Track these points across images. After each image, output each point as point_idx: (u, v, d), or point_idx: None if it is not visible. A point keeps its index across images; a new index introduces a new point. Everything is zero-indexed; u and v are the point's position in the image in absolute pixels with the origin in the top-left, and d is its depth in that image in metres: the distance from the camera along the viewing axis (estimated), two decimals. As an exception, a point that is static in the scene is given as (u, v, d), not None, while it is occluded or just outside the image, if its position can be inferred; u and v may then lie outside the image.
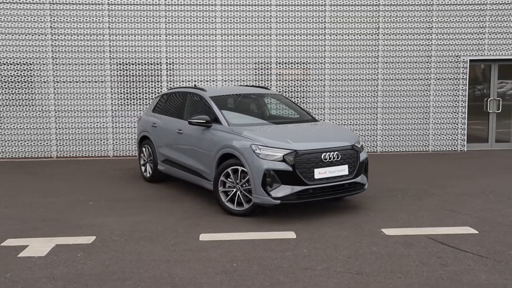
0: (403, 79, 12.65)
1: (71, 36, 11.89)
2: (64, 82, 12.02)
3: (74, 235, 6.11)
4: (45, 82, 11.98)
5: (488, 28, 12.62)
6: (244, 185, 6.79)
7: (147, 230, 6.29)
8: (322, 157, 6.64)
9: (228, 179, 6.95)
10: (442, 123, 12.83)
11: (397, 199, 7.87)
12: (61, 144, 12.13)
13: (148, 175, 9.23)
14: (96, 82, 12.08)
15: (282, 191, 6.47)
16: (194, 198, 7.99)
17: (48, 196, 8.19)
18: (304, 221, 6.65)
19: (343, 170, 6.82)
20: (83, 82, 12.06)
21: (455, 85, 12.75)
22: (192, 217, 6.88)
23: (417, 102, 12.74)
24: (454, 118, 12.82)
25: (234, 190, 6.89)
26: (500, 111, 13.17)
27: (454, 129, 12.86)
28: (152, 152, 8.99)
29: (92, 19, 11.91)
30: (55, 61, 11.93)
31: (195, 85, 11.03)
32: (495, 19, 12.58)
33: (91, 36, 11.95)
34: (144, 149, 9.31)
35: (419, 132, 12.80)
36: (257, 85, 12.11)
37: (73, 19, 11.87)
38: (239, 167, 6.80)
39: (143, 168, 9.40)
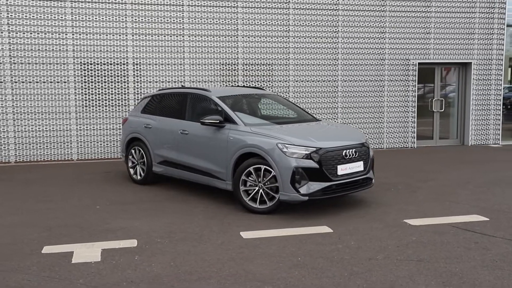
0: (360, 81, 13.34)
1: (31, 34, 11.25)
2: (23, 82, 11.35)
3: (111, 239, 5.92)
4: (1, 82, 11.24)
5: (433, 34, 13.67)
6: (266, 183, 6.93)
7: (183, 231, 6.24)
8: (343, 154, 6.97)
9: (249, 177, 7.06)
10: (395, 122, 13.69)
11: (393, 193, 8.38)
12: (20, 148, 11.44)
13: (139, 177, 9.03)
14: (58, 82, 11.52)
15: (310, 187, 6.71)
16: (198, 198, 7.97)
17: (45, 202, 7.77)
18: (328, 216, 6.92)
19: (359, 166, 7.20)
20: (44, 82, 11.45)
21: (406, 86, 13.67)
22: (215, 217, 6.90)
23: (373, 102, 13.49)
24: (405, 117, 13.74)
25: (256, 188, 7.01)
26: (443, 110, 14.31)
27: (405, 127, 13.77)
28: (145, 153, 8.82)
29: (54, 16, 11.35)
30: (13, 60, 11.23)
31: (182, 85, 10.94)
32: (438, 25, 13.66)
33: (52, 34, 11.38)
34: (133, 150, 9.09)
35: (375, 130, 13.56)
36: (252, 86, 12.25)
37: (32, 16, 11.24)
38: (261, 166, 6.93)
39: (131, 170, 9.18)
